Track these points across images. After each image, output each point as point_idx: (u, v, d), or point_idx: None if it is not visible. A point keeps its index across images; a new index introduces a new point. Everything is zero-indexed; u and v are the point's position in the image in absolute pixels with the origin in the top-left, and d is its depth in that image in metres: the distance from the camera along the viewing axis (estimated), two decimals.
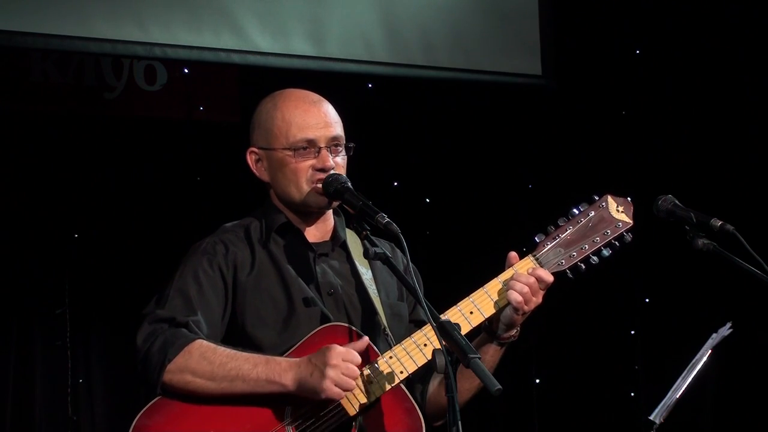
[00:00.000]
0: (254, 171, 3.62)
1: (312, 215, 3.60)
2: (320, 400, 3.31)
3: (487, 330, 3.54)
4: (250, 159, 3.62)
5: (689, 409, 4.50)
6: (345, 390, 3.29)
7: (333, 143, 3.54)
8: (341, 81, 5.97)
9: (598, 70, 6.85)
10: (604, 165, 6.86)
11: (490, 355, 3.54)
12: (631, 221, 3.57)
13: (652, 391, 6.02)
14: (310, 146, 3.52)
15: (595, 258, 3.53)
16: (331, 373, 3.27)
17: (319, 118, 3.55)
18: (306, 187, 3.53)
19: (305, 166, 3.52)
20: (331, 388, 3.27)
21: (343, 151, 3.57)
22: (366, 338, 3.40)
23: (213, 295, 3.46)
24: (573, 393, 6.97)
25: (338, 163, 3.54)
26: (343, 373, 3.28)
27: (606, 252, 3.54)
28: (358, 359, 3.32)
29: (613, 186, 6.80)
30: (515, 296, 3.43)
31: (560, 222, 3.56)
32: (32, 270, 6.01)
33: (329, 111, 3.58)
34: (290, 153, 3.52)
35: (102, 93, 6.28)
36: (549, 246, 3.52)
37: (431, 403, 3.61)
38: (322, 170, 3.51)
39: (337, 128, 3.56)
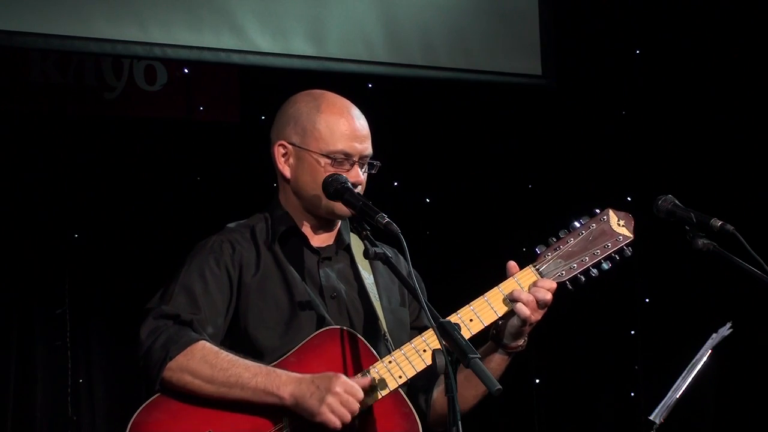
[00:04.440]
0: (278, 164, 3.58)
1: (323, 220, 3.60)
2: (314, 422, 3.30)
3: (494, 338, 3.55)
4: (277, 152, 3.58)
5: (689, 409, 4.49)
6: (341, 420, 3.29)
7: (365, 159, 3.56)
8: (341, 81, 5.96)
9: (598, 70, 6.86)
10: (604, 165, 6.86)
11: (496, 363, 3.55)
12: (631, 235, 3.58)
13: (652, 391, 6.03)
14: (346, 159, 3.52)
15: (594, 270, 3.54)
16: (331, 400, 3.27)
17: (359, 132, 3.55)
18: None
19: None
20: (327, 414, 3.28)
21: (367, 167, 3.58)
22: (369, 378, 3.38)
23: (218, 294, 3.46)
24: (573, 393, 6.97)
25: (364, 179, 3.56)
26: (342, 403, 3.28)
27: (606, 265, 3.55)
28: (361, 395, 3.32)
29: (613, 185, 6.82)
30: (523, 309, 3.44)
31: (561, 234, 3.57)
32: (32, 270, 6.01)
33: (366, 126, 3.59)
34: (328, 161, 3.51)
35: (102, 93, 6.28)
36: (550, 257, 3.54)
37: (436, 410, 3.61)
38: (353, 185, 3.51)
39: (370, 145, 3.58)
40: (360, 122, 3.58)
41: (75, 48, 5.42)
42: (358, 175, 3.53)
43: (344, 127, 3.53)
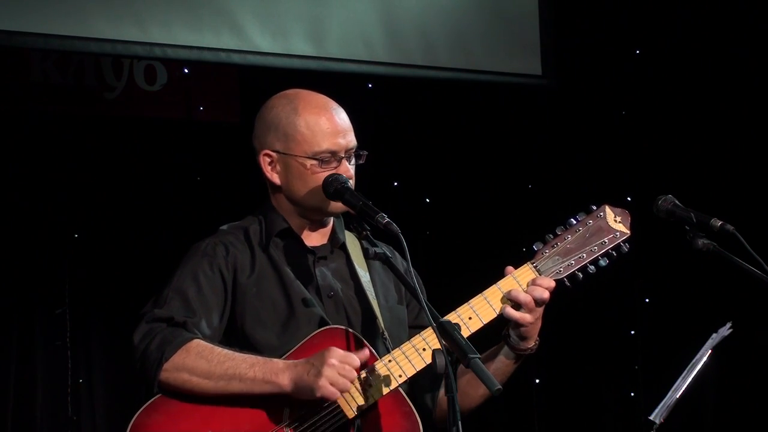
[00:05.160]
0: (266, 174, 3.57)
1: (318, 220, 3.59)
2: (315, 398, 3.30)
3: (504, 338, 3.56)
4: (263, 161, 3.57)
5: (689, 409, 4.50)
6: (340, 390, 3.29)
7: (350, 152, 3.54)
8: (341, 81, 5.97)
9: (598, 70, 6.86)
10: (604, 165, 6.86)
11: (502, 363, 3.56)
12: (628, 231, 3.58)
13: (652, 391, 6.03)
14: (332, 156, 3.51)
15: (592, 267, 3.54)
16: (327, 372, 3.26)
17: (340, 127, 3.53)
18: (325, 195, 3.52)
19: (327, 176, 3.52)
20: (326, 386, 3.26)
21: (354, 159, 3.56)
22: (367, 350, 3.39)
23: (212, 297, 3.46)
24: (573, 393, 6.97)
25: (353, 172, 3.55)
26: (339, 373, 3.27)
27: (603, 262, 3.54)
28: (357, 363, 3.32)
29: (613, 185, 6.82)
30: (512, 313, 3.45)
31: (558, 231, 3.56)
32: (32, 270, 6.01)
33: (346, 118, 3.56)
34: (315, 162, 3.50)
35: (102, 93, 6.28)
36: (547, 254, 3.53)
37: (442, 408, 3.60)
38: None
39: (353, 136, 3.56)
40: (340, 116, 3.55)
41: (75, 48, 5.43)
42: (348, 170, 3.52)
43: (325, 125, 3.51)
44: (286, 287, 3.50)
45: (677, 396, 4.12)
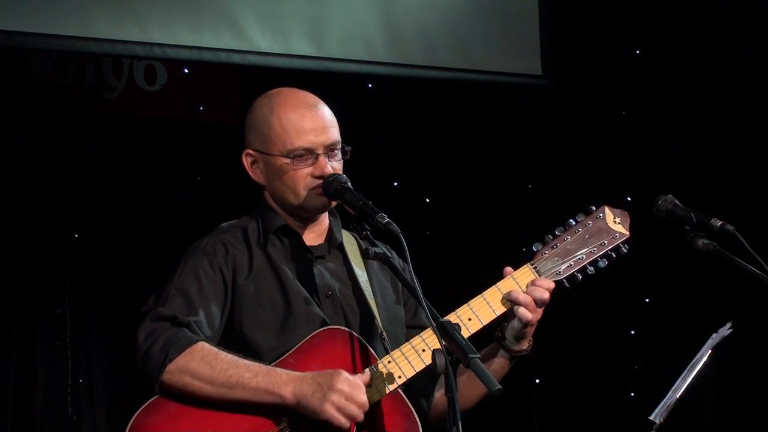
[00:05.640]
0: (250, 173, 3.60)
1: (309, 218, 3.59)
2: (317, 421, 3.29)
3: (498, 340, 3.55)
4: (246, 161, 3.60)
5: (689, 409, 4.49)
6: (349, 417, 3.28)
7: (330, 149, 3.53)
8: (341, 81, 5.97)
9: (598, 70, 6.86)
10: (605, 165, 6.86)
11: (498, 365, 3.55)
12: (627, 233, 3.57)
13: (652, 391, 6.03)
14: (308, 153, 3.50)
15: (591, 269, 3.53)
16: (335, 397, 3.26)
17: (316, 124, 3.51)
18: (303, 193, 3.52)
19: (303, 173, 3.50)
20: (331, 412, 3.26)
21: (339, 154, 3.56)
22: (368, 374, 3.38)
23: (213, 296, 3.45)
24: (573, 393, 6.97)
25: (335, 167, 3.52)
26: (347, 399, 3.27)
27: (602, 263, 3.54)
28: (363, 391, 3.30)
29: (613, 185, 6.82)
30: (525, 313, 3.43)
31: (557, 232, 3.55)
32: (32, 270, 6.01)
33: (326, 114, 3.55)
34: (288, 161, 3.50)
35: (102, 93, 6.28)
36: (547, 255, 3.53)
37: (438, 409, 3.61)
38: (320, 177, 3.49)
39: (334, 132, 3.54)
40: (316, 113, 3.54)
41: (75, 48, 5.43)
42: (325, 167, 3.50)
43: (298, 123, 3.51)
44: (284, 286, 3.49)
45: (677, 396, 4.11)
